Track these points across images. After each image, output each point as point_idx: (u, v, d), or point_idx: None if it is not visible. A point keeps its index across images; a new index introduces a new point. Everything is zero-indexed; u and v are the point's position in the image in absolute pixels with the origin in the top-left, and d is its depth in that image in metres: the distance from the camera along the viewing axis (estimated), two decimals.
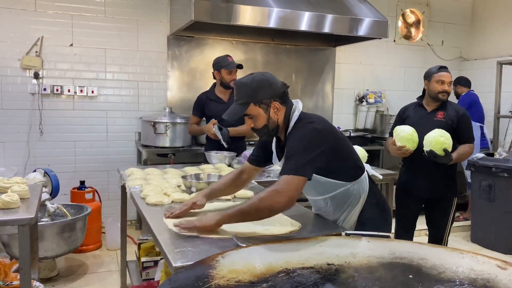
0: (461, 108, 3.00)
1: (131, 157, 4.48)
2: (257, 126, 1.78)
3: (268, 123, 1.76)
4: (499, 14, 5.52)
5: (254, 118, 1.75)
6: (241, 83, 1.77)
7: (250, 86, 1.74)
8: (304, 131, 1.71)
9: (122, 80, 4.42)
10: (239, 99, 1.76)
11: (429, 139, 2.70)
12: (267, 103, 1.75)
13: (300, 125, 1.75)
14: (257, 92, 1.73)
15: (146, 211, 1.95)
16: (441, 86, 2.93)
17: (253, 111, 1.74)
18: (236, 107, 1.77)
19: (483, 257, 1.33)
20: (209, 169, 2.86)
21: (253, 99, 1.73)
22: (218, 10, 3.77)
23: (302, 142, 1.68)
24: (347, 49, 5.26)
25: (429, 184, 2.95)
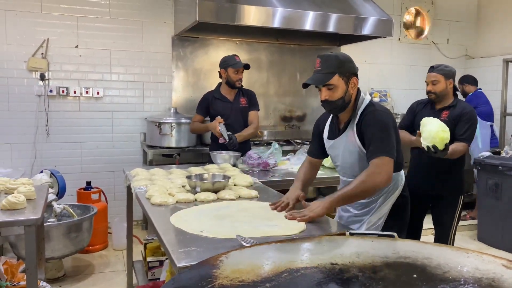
0: (468, 107, 2.95)
1: (137, 158, 4.50)
2: (333, 98, 1.89)
3: (344, 96, 1.90)
4: (505, 11, 5.47)
5: (334, 88, 1.87)
6: (328, 55, 1.90)
7: (337, 58, 1.89)
8: (383, 117, 1.91)
9: (127, 81, 4.45)
10: (324, 69, 1.87)
11: (432, 135, 2.63)
12: (348, 77, 1.90)
13: (373, 109, 1.93)
14: (343, 65, 1.88)
15: (151, 211, 1.96)
16: (427, 87, 2.98)
17: (336, 82, 1.87)
18: (320, 75, 1.87)
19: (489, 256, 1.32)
20: (214, 169, 2.86)
21: (338, 69, 1.87)
22: (222, 11, 3.78)
23: (385, 127, 1.88)
24: (351, 48, 5.23)
25: (436, 183, 2.94)
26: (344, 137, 2.00)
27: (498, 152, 4.35)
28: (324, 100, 1.91)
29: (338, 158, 2.09)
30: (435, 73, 2.94)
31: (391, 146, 1.86)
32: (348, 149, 1.99)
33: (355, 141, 1.95)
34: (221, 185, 2.26)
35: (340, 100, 1.90)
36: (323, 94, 1.90)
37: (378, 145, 1.83)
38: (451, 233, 2.99)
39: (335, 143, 2.05)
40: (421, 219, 3.12)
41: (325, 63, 1.87)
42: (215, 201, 2.14)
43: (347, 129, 1.98)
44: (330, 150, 2.13)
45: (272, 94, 4.99)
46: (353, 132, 1.95)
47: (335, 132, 2.06)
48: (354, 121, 1.95)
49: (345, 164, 2.06)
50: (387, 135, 1.87)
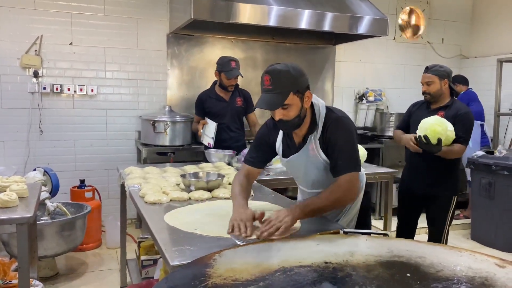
0: (464, 107, 2.95)
1: (131, 156, 4.48)
2: (288, 117, 1.72)
3: (300, 114, 1.74)
4: (499, 11, 5.50)
5: (288, 108, 1.70)
6: (279, 71, 1.68)
7: (290, 74, 1.68)
8: (348, 125, 1.80)
9: (122, 79, 4.42)
10: (277, 88, 1.66)
11: (425, 126, 2.70)
12: (302, 93, 1.73)
13: (335, 117, 1.80)
14: (297, 81, 1.70)
15: (145, 210, 1.95)
16: (422, 88, 2.99)
17: (291, 100, 1.69)
18: (274, 96, 1.67)
19: (481, 255, 1.33)
20: (208, 167, 2.85)
21: (293, 87, 1.68)
22: (217, 9, 3.76)
23: (351, 138, 1.79)
24: (347, 47, 5.25)
25: (429, 182, 2.95)
26: (305, 152, 1.85)
27: (491, 151, 4.37)
28: (278, 120, 1.74)
29: (300, 174, 1.98)
30: (429, 74, 2.94)
31: (358, 160, 1.80)
32: (311, 164, 1.87)
33: (318, 154, 1.83)
34: (215, 183, 2.26)
35: (296, 118, 1.73)
36: (277, 114, 1.71)
37: (348, 161, 1.75)
38: (444, 232, 3.01)
39: (294, 159, 1.90)
40: (416, 218, 3.14)
41: (277, 81, 1.66)
42: (209, 199, 2.13)
43: (307, 143, 1.84)
44: (287, 166, 2.00)
45: None
46: (314, 145, 1.82)
47: (291, 148, 1.91)
48: (316, 135, 1.81)
49: (309, 178, 1.95)
50: (354, 148, 1.79)
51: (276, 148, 1.97)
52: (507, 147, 4.87)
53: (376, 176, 3.18)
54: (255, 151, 1.99)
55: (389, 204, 3.18)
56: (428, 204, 3.04)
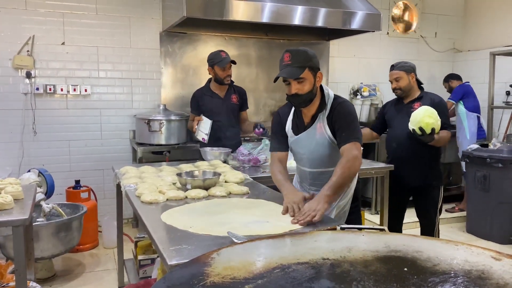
0: (436, 97, 3.11)
1: (126, 155, 4.46)
2: (303, 91, 1.98)
3: (312, 90, 2.01)
4: (491, 5, 5.52)
5: (303, 82, 1.97)
6: (297, 50, 2.00)
7: (307, 53, 2.00)
8: (350, 107, 2.10)
9: (115, 78, 4.40)
10: (295, 63, 1.95)
11: (418, 119, 2.81)
12: (316, 71, 2.02)
13: (341, 101, 2.10)
14: (312, 60, 2.00)
15: (141, 210, 1.94)
16: (392, 85, 3.14)
17: (306, 75, 1.97)
18: (292, 69, 1.96)
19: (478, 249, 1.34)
20: (204, 166, 2.85)
21: (308, 64, 1.98)
22: (210, 6, 3.75)
23: (353, 116, 2.08)
24: (340, 43, 5.25)
25: (415, 173, 3.06)
26: (313, 130, 2.10)
27: (486, 144, 4.40)
28: (293, 94, 1.99)
29: (306, 151, 2.17)
30: (396, 71, 3.10)
31: (359, 133, 2.05)
32: (318, 142, 2.10)
33: (324, 132, 2.08)
34: (212, 181, 2.25)
35: (309, 94, 2.00)
36: (293, 87, 1.98)
37: (350, 132, 2.00)
38: (436, 223, 3.12)
39: (302, 137, 2.14)
40: (403, 210, 3.25)
41: (295, 57, 1.96)
42: (206, 198, 2.13)
43: (315, 122, 2.10)
44: (294, 144, 2.20)
45: (261, 90, 4.98)
46: (322, 124, 2.08)
47: (300, 126, 2.16)
48: (324, 114, 2.08)
49: (314, 156, 2.15)
50: (356, 123, 2.07)
51: (287, 128, 2.21)
52: (501, 139, 4.90)
53: (371, 171, 3.19)
54: (275, 138, 2.25)
55: (385, 198, 3.19)
56: (416, 196, 3.13)
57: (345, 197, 2.23)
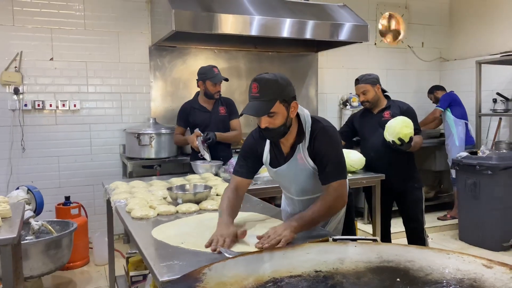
0: (404, 104, 3.23)
1: (117, 170, 4.43)
2: (274, 125, 1.75)
3: (286, 122, 1.77)
4: (476, 15, 5.62)
5: (275, 116, 1.73)
6: (267, 80, 1.72)
7: (278, 83, 1.73)
8: (333, 134, 1.86)
9: (105, 93, 4.38)
10: (264, 96, 1.71)
11: (396, 130, 2.92)
12: (289, 102, 1.76)
13: (321, 126, 1.85)
14: (284, 90, 1.74)
15: (132, 225, 1.92)
16: (359, 99, 3.25)
17: (277, 109, 1.73)
18: (261, 104, 1.71)
19: (469, 257, 1.34)
20: (195, 179, 2.83)
21: (280, 96, 1.72)
22: (199, 20, 3.77)
23: (337, 146, 1.86)
24: (329, 54, 5.30)
25: (396, 179, 3.15)
26: (294, 161, 1.88)
27: (475, 152, 4.44)
28: (264, 128, 1.76)
29: (289, 182, 2.00)
30: (362, 84, 3.20)
31: (344, 167, 1.88)
32: (300, 172, 1.90)
33: (307, 163, 1.86)
34: (203, 195, 2.24)
35: (282, 127, 1.76)
36: (263, 122, 1.74)
37: (335, 168, 1.81)
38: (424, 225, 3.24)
39: (283, 169, 1.92)
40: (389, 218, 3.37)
41: (264, 88, 1.71)
42: (197, 212, 2.12)
43: (295, 152, 1.87)
44: (276, 176, 2.00)
45: None
46: (302, 155, 1.86)
47: (279, 158, 1.93)
48: (304, 144, 1.85)
49: (299, 186, 1.98)
50: (341, 155, 1.86)
51: (264, 159, 1.98)
52: (490, 147, 4.96)
53: (363, 181, 3.20)
54: (243, 161, 1.98)
55: (376, 208, 3.21)
56: (400, 201, 3.24)
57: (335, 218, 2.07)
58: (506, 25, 5.22)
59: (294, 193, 2.04)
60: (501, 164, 4.05)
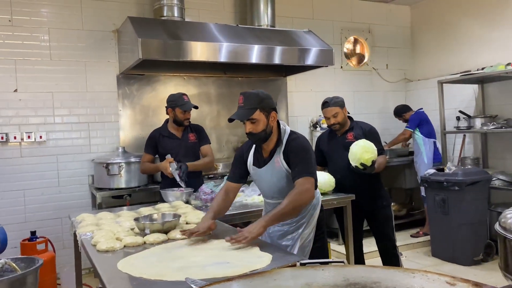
0: (366, 125, 3.31)
1: (86, 202, 4.31)
2: (256, 130, 2.14)
3: (266, 129, 2.16)
4: (436, 37, 5.88)
5: (256, 122, 2.13)
6: (250, 93, 2.15)
7: (258, 95, 2.15)
8: (304, 143, 2.21)
9: (72, 123, 4.31)
10: (247, 105, 2.12)
11: (358, 156, 2.98)
12: (268, 112, 2.16)
13: (295, 137, 2.22)
14: (263, 101, 2.14)
15: (97, 259, 1.86)
16: (327, 121, 3.29)
17: (258, 116, 2.13)
18: (244, 111, 2.13)
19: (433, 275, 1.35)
20: (165, 208, 2.79)
21: (259, 105, 2.13)
22: (166, 48, 3.80)
23: (307, 151, 2.18)
24: (297, 78, 5.41)
25: (364, 199, 3.20)
26: (272, 164, 2.23)
27: (442, 168, 4.56)
28: (248, 132, 2.16)
29: (266, 183, 2.32)
30: (332, 107, 3.24)
31: (313, 168, 2.18)
32: (276, 175, 2.23)
33: (282, 166, 2.20)
34: (171, 224, 2.20)
35: (263, 132, 2.16)
36: (248, 127, 2.15)
37: (303, 167, 2.12)
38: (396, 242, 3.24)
39: (262, 171, 2.28)
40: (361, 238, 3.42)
41: (247, 99, 2.13)
42: (165, 242, 2.07)
43: (273, 157, 2.23)
44: (256, 177, 2.36)
45: (223, 127, 5.00)
46: (279, 159, 2.20)
47: (260, 161, 2.30)
48: (280, 149, 2.21)
49: (274, 188, 2.29)
50: (309, 158, 2.17)
51: (248, 162, 2.34)
52: (456, 163, 5.10)
53: (334, 201, 3.22)
54: (233, 168, 2.40)
55: (348, 228, 3.22)
56: (371, 220, 3.29)
57: (308, 227, 2.31)
58: (464, 46, 5.47)
59: (269, 195, 2.35)
60: (467, 179, 4.17)
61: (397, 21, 6.15)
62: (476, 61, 5.25)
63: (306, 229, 2.32)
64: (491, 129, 4.62)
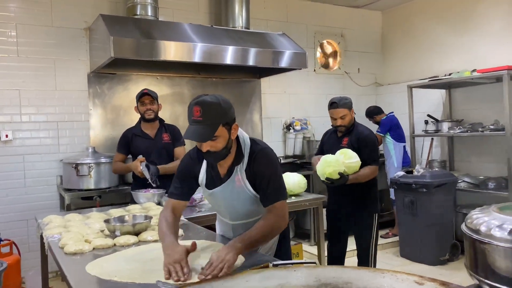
0: (365, 130, 3.17)
1: (53, 203, 4.19)
2: (216, 149, 1.73)
3: (227, 145, 1.76)
4: (405, 42, 6.04)
5: (217, 139, 1.71)
6: (210, 103, 1.68)
7: (221, 107, 1.70)
8: (272, 156, 1.87)
9: (40, 122, 4.18)
10: (207, 120, 1.67)
11: (321, 172, 2.96)
12: (230, 125, 1.76)
13: (260, 148, 1.85)
14: (226, 113, 1.73)
15: (64, 262, 1.81)
16: (334, 122, 3.16)
17: (220, 133, 1.71)
18: (204, 128, 1.68)
19: (402, 275, 1.39)
20: (136, 209, 2.74)
21: (222, 119, 1.71)
22: (139, 47, 3.74)
23: (276, 167, 1.86)
24: (271, 80, 5.43)
25: (351, 203, 3.16)
26: (231, 183, 1.86)
27: (410, 171, 4.68)
28: (206, 151, 1.74)
29: (224, 204, 1.97)
30: (341, 109, 3.10)
31: (284, 188, 1.89)
32: (238, 196, 1.88)
33: (244, 186, 1.85)
34: (142, 226, 2.17)
35: (224, 150, 1.76)
36: (205, 146, 1.71)
37: (276, 189, 1.82)
38: (371, 251, 3.19)
39: (218, 191, 1.89)
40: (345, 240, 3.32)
41: (207, 113, 1.67)
42: (136, 244, 2.04)
43: (233, 174, 1.85)
44: (211, 198, 1.99)
45: None
46: (240, 177, 1.84)
47: (216, 179, 1.90)
48: (242, 166, 1.84)
49: (233, 209, 1.95)
50: (280, 176, 1.87)
51: (200, 180, 1.94)
52: (424, 166, 5.24)
53: (306, 203, 3.26)
54: (179, 183, 1.94)
55: (320, 229, 3.26)
56: (352, 224, 3.21)
57: None
58: (432, 52, 5.64)
59: (228, 216, 2.01)
60: (434, 181, 4.29)
61: (369, 26, 6.28)
62: (444, 66, 5.42)
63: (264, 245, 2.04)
64: (457, 133, 4.78)
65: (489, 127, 4.53)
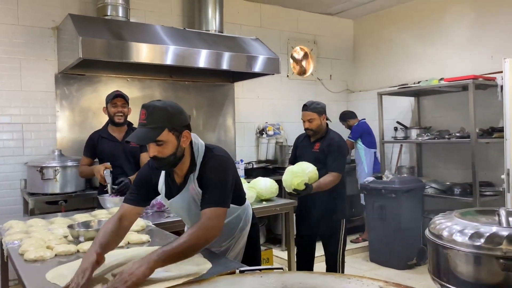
0: (334, 137, 3.20)
1: (17, 208, 4.03)
2: (163, 154, 1.70)
3: (176, 152, 1.72)
4: (376, 50, 6.16)
5: (163, 145, 1.68)
6: (154, 107, 1.67)
7: (166, 110, 1.68)
8: (221, 162, 1.80)
9: (3, 124, 4.02)
10: (151, 123, 1.66)
11: (288, 184, 2.99)
12: (180, 131, 1.72)
13: (211, 155, 1.80)
14: (173, 118, 1.70)
15: (23, 269, 1.74)
16: (304, 125, 3.20)
17: (166, 137, 1.68)
18: (147, 131, 1.66)
19: (368, 280, 1.40)
20: (102, 214, 2.67)
21: (168, 124, 1.68)
22: (109, 48, 3.67)
23: (222, 173, 1.77)
24: (245, 84, 5.43)
25: (319, 207, 3.18)
26: (186, 193, 1.83)
27: (380, 176, 4.75)
28: (153, 157, 1.70)
29: (184, 213, 1.96)
30: (309, 112, 3.17)
31: (226, 196, 1.75)
32: (194, 204, 1.84)
33: (198, 194, 1.79)
34: None
35: (171, 156, 1.71)
36: (152, 150, 1.69)
37: (213, 195, 1.71)
38: (339, 256, 3.22)
39: (177, 200, 1.87)
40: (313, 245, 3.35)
41: (152, 116, 1.66)
42: None
43: (187, 183, 1.82)
44: (171, 207, 1.99)
45: None
46: (194, 186, 1.80)
47: (173, 188, 1.88)
48: (194, 175, 1.80)
49: (193, 217, 1.87)
50: (224, 183, 1.76)
51: (159, 188, 1.91)
52: (393, 171, 5.35)
53: (277, 208, 3.26)
54: (135, 190, 1.89)
55: (291, 234, 3.26)
56: (319, 230, 3.24)
57: (235, 248, 2.08)
58: (402, 60, 5.78)
59: (190, 224, 1.97)
60: (403, 187, 4.38)
61: (341, 34, 6.38)
62: (413, 74, 5.56)
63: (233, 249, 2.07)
64: (425, 139, 4.90)
65: (455, 135, 4.66)
